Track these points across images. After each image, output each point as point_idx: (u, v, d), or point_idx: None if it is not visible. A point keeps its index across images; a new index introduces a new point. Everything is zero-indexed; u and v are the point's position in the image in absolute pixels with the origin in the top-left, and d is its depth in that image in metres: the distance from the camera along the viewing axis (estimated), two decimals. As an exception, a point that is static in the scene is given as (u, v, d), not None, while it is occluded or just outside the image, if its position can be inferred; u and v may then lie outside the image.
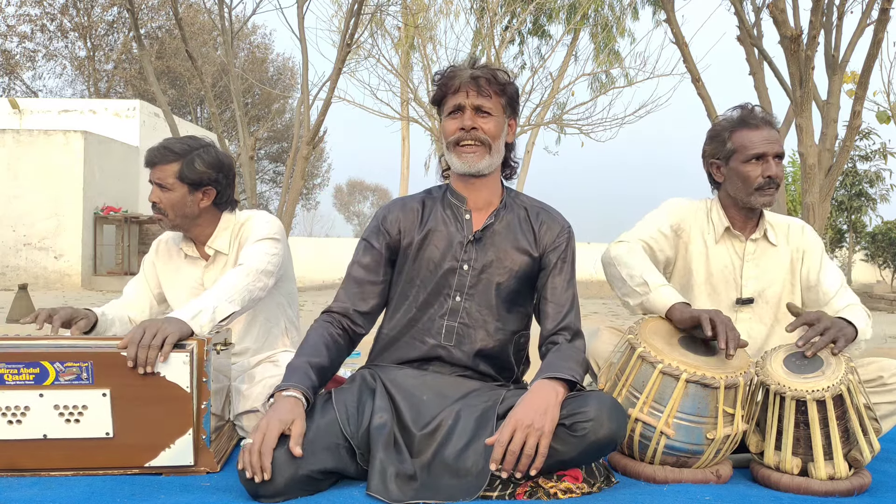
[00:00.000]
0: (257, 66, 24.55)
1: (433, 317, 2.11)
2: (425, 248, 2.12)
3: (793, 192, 16.46)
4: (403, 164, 19.63)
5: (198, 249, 2.52)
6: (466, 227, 2.12)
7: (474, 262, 2.11)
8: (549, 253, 2.14)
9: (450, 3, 16.32)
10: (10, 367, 1.92)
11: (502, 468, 1.80)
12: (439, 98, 2.12)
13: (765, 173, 2.30)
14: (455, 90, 2.07)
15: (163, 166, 2.39)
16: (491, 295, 2.11)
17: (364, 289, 2.14)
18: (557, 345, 2.07)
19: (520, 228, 2.14)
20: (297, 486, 1.80)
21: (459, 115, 2.07)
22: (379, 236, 2.15)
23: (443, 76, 2.11)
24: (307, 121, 7.96)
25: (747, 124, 2.33)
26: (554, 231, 2.16)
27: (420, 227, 2.13)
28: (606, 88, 16.86)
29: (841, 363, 2.02)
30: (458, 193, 2.15)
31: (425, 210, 2.16)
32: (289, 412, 1.83)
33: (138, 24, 9.86)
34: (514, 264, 2.12)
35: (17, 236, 13.03)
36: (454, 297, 2.10)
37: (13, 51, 23.02)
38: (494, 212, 2.14)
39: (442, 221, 2.13)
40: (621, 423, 1.89)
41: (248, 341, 2.53)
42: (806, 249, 2.41)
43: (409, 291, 2.14)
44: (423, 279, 2.12)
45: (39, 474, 1.97)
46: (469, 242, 2.11)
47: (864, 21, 6.13)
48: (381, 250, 2.14)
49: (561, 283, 2.12)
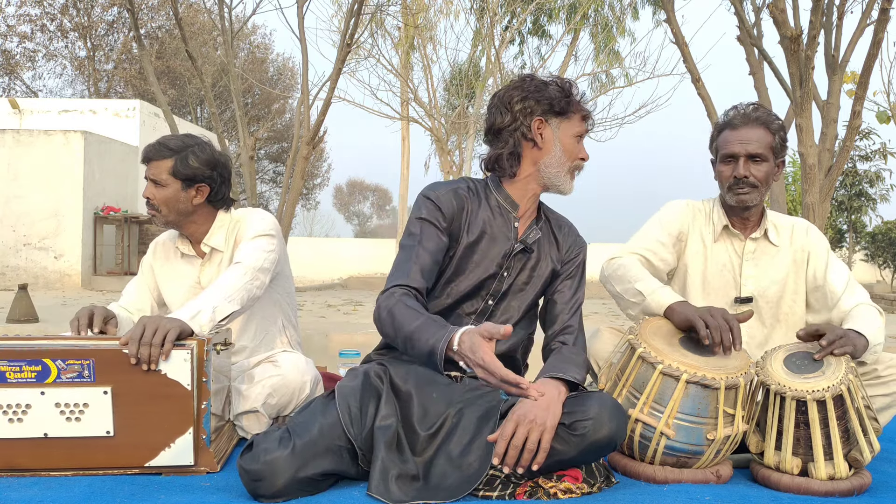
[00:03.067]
0: (257, 66, 24.54)
1: (461, 314, 2.12)
2: (476, 250, 2.09)
3: (793, 192, 16.46)
4: (403, 164, 19.61)
5: (194, 247, 2.52)
6: (514, 234, 2.12)
7: (514, 270, 2.13)
8: (567, 263, 2.19)
9: (450, 3, 16.31)
10: (11, 364, 1.92)
11: (504, 463, 1.81)
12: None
13: (733, 174, 2.32)
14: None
15: (157, 162, 2.40)
16: (518, 301, 2.15)
17: (431, 269, 2.04)
18: (560, 347, 2.10)
19: (549, 239, 2.19)
20: (296, 487, 1.80)
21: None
22: (441, 220, 2.05)
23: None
24: (307, 121, 7.95)
25: (730, 124, 2.36)
26: (572, 243, 2.22)
27: (469, 224, 2.09)
28: (606, 88, 16.84)
29: (841, 363, 2.02)
30: (512, 199, 2.13)
31: (472, 204, 2.11)
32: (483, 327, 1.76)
33: (138, 24, 9.86)
34: (545, 274, 2.16)
35: (17, 236, 13.03)
36: (487, 300, 2.12)
37: (13, 51, 23.01)
38: (534, 221, 2.17)
39: (494, 225, 2.11)
40: (621, 424, 1.89)
41: (245, 339, 2.53)
42: (811, 250, 2.41)
43: (446, 286, 2.11)
44: (463, 277, 2.10)
45: (39, 474, 1.97)
46: (516, 252, 2.12)
47: (864, 21, 6.12)
48: (443, 233, 2.06)
49: (570, 291, 2.18)
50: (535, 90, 2.07)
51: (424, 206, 2.08)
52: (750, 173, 2.30)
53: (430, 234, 2.05)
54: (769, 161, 2.33)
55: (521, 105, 2.07)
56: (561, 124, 2.09)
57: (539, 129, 2.07)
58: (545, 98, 2.07)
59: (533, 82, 2.09)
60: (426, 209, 2.07)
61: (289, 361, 2.42)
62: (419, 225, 2.06)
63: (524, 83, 2.10)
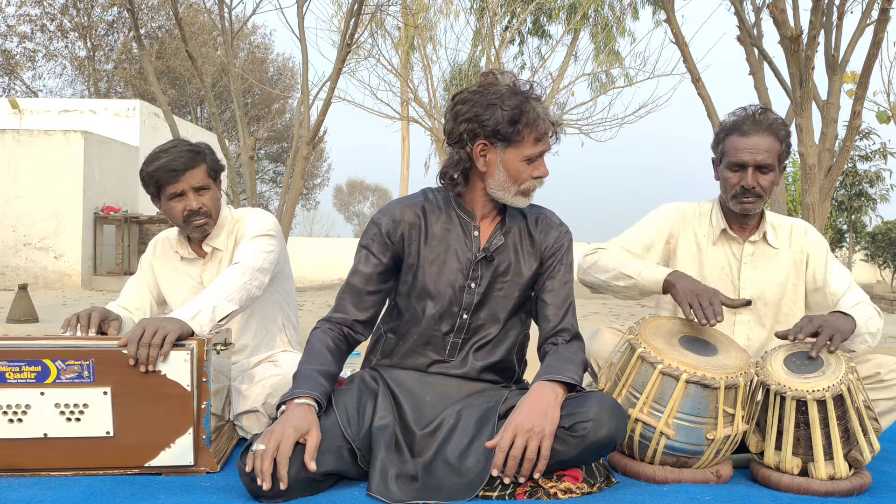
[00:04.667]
0: (257, 66, 24.53)
1: (438, 332, 2.07)
2: (435, 263, 2.05)
3: (793, 192, 16.46)
4: (403, 164, 19.62)
5: (193, 249, 2.52)
6: (475, 244, 2.06)
7: (482, 279, 2.06)
8: (549, 257, 2.11)
9: (450, 3, 16.30)
10: (11, 364, 1.92)
11: (504, 474, 1.80)
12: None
13: (740, 183, 2.28)
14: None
15: (194, 170, 2.35)
16: (497, 309, 2.09)
17: (363, 298, 2.08)
18: (556, 346, 2.06)
19: (523, 239, 2.10)
20: (298, 487, 1.80)
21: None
22: (379, 245, 2.05)
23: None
24: (307, 121, 7.96)
25: (739, 129, 2.29)
26: (553, 235, 2.12)
27: (426, 238, 2.06)
28: (606, 88, 16.84)
29: (841, 363, 2.02)
30: (468, 210, 2.07)
31: (428, 219, 2.06)
32: (303, 420, 1.82)
33: (138, 24, 9.86)
34: (521, 277, 2.09)
35: (17, 236, 13.02)
36: (461, 315, 2.07)
37: (13, 51, 23.01)
38: (499, 225, 2.09)
39: (451, 236, 2.06)
40: (621, 424, 1.89)
41: (245, 338, 2.53)
42: (810, 251, 2.40)
43: (416, 305, 2.08)
44: (431, 295, 2.06)
45: (39, 474, 1.97)
46: (479, 260, 2.06)
47: (864, 21, 6.12)
48: (383, 259, 2.06)
49: (558, 285, 2.10)
50: (483, 109, 1.94)
51: (367, 231, 2.11)
52: (758, 184, 2.27)
53: (366, 261, 2.07)
54: (776, 170, 2.30)
55: (466, 126, 1.97)
56: (507, 150, 1.97)
57: (482, 152, 1.98)
58: (491, 122, 1.94)
59: (483, 99, 1.95)
60: (366, 236, 2.10)
61: (289, 361, 2.42)
62: (358, 254, 2.11)
63: (475, 97, 1.97)
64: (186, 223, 2.40)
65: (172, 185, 2.34)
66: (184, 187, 2.35)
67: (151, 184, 2.36)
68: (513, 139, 1.96)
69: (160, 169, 2.33)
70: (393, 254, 2.07)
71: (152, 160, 2.35)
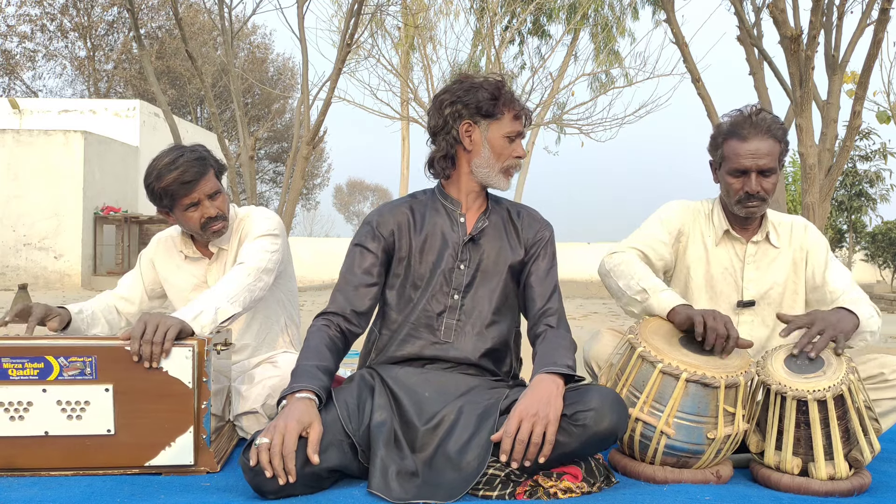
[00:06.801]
0: (257, 66, 24.54)
1: (432, 315, 2.14)
2: (426, 251, 2.17)
3: (793, 192, 16.46)
4: (403, 164, 19.62)
5: (198, 248, 2.52)
6: (461, 229, 2.18)
7: (470, 261, 2.17)
8: (532, 246, 2.22)
9: (450, 3, 16.32)
10: (14, 361, 1.92)
11: (512, 458, 1.82)
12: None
13: (744, 188, 2.28)
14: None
15: (206, 177, 2.34)
16: (487, 291, 2.16)
17: (360, 291, 2.15)
18: (545, 333, 2.11)
19: (505, 227, 2.23)
20: (301, 483, 1.80)
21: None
22: (374, 240, 2.17)
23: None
24: (307, 121, 7.96)
25: (738, 134, 2.28)
26: (535, 226, 2.24)
27: (416, 231, 2.18)
28: (606, 88, 16.87)
29: (842, 363, 2.02)
30: (453, 198, 2.20)
31: (416, 214, 2.21)
32: (305, 413, 1.84)
33: (138, 24, 9.86)
34: (506, 260, 2.19)
35: (17, 236, 13.03)
36: (453, 295, 2.15)
37: (13, 51, 23.02)
38: (483, 213, 2.22)
39: (439, 225, 2.19)
40: (622, 416, 1.91)
41: (247, 338, 2.54)
42: (809, 249, 2.40)
43: (411, 293, 2.17)
44: (424, 280, 2.16)
45: (39, 474, 1.97)
46: (465, 243, 2.16)
47: (864, 21, 6.12)
48: (377, 253, 2.17)
49: (543, 270, 2.20)
50: (465, 93, 2.12)
51: (359, 231, 2.23)
52: (761, 188, 2.27)
53: (361, 256, 2.17)
54: (777, 171, 2.31)
55: (450, 109, 2.13)
56: (490, 126, 2.14)
57: (467, 131, 2.14)
58: (473, 101, 2.12)
59: (463, 85, 2.14)
60: (359, 234, 2.22)
61: (289, 362, 2.42)
62: (351, 251, 2.20)
63: (454, 86, 2.16)
64: (205, 230, 2.39)
65: (188, 196, 2.32)
66: (199, 196, 2.34)
67: (166, 198, 2.33)
68: (495, 114, 2.13)
69: (174, 183, 2.30)
70: (385, 248, 2.18)
71: (163, 174, 2.30)
